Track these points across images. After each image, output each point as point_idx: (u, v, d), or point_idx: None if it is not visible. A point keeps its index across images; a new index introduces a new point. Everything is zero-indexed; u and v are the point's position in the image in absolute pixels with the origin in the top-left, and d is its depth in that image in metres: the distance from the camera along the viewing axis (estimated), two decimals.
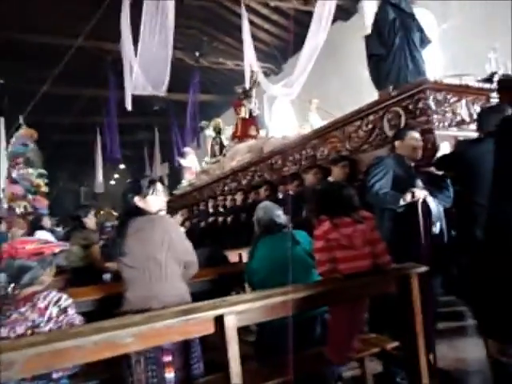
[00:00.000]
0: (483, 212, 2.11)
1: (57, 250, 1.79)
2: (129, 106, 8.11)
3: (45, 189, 8.17)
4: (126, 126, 13.95)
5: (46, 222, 5.15)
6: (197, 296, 2.17)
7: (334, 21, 8.92)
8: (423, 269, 2.03)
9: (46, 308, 1.62)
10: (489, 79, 3.50)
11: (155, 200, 2.12)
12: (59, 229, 8.69)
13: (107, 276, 3.32)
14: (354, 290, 1.90)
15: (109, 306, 2.51)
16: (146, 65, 6.83)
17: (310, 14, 7.16)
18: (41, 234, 4.74)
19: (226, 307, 1.60)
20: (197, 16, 10.55)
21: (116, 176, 20.93)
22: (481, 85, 3.44)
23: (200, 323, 1.58)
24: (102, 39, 9.79)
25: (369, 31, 3.83)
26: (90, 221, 3.33)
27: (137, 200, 2.07)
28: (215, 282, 2.76)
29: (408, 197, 2.35)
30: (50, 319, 1.61)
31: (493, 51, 3.86)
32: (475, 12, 6.46)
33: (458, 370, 2.57)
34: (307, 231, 2.51)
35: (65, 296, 1.70)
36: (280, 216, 2.40)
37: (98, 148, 13.94)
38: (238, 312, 1.61)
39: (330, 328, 2.10)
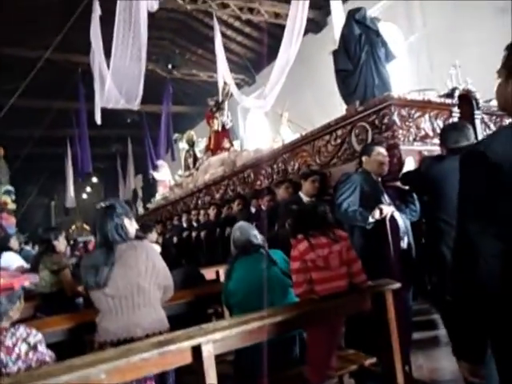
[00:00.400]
0: (449, 229, 2.18)
1: (27, 283, 1.71)
2: (98, 120, 8.01)
3: (12, 206, 7.87)
4: (98, 139, 13.68)
5: (14, 243, 4.93)
6: (173, 319, 2.13)
7: (305, 33, 9.16)
8: (397, 285, 2.07)
9: (14, 346, 1.54)
10: (450, 94, 3.61)
11: (134, 224, 2.08)
12: (28, 247, 8.39)
13: (80, 300, 3.20)
14: (330, 310, 1.91)
15: (81, 335, 2.45)
16: (118, 78, 6.74)
17: (281, 27, 7.29)
18: (7, 257, 4.56)
19: (203, 336, 1.57)
20: (169, 27, 10.53)
21: (88, 189, 20.44)
22: (443, 100, 3.53)
23: (177, 354, 1.55)
24: (72, 51, 9.63)
25: (337, 45, 3.90)
26: (60, 244, 3.21)
27: (127, 223, 1.98)
28: (192, 303, 2.72)
29: (376, 214, 2.37)
30: (18, 358, 1.53)
31: (453, 67, 4.00)
32: (439, 24, 6.72)
33: (434, 380, 2.62)
34: (280, 246, 2.53)
35: (34, 331, 1.62)
36: (256, 236, 2.40)
37: (68, 161, 13.61)
38: (215, 340, 1.58)
39: (308, 347, 2.11)
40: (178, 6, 8.63)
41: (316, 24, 9.24)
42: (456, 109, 3.52)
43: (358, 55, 3.60)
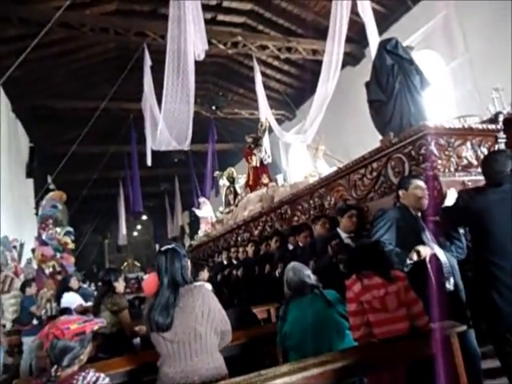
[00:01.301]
0: (500, 274, 1.98)
1: (96, 327, 1.81)
2: (149, 162, 8.50)
3: (72, 246, 8.37)
4: (148, 178, 14.39)
5: (74, 282, 5.22)
6: (227, 361, 2.13)
7: (343, 66, 9.31)
8: (463, 328, 1.96)
9: None
10: (494, 119, 3.39)
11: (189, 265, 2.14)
12: (85, 285, 8.81)
13: (137, 340, 3.30)
14: (392, 355, 1.84)
15: (140, 376, 2.51)
16: (169, 121, 7.14)
17: (319, 62, 7.45)
18: (68, 297, 4.82)
19: (262, 383, 1.57)
20: (211, 71, 11.12)
21: (139, 227, 21.29)
22: (485, 126, 3.31)
23: None
24: (124, 99, 10.41)
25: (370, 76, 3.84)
26: (120, 285, 3.36)
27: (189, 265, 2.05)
28: (246, 344, 2.71)
29: (414, 256, 2.20)
30: None
31: (495, 91, 3.80)
32: (481, 49, 6.57)
33: None
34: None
35: (102, 375, 1.70)
36: (310, 276, 2.37)
37: (121, 201, 14.36)
38: None
39: None
40: (220, 51, 9.14)
41: (354, 57, 9.37)
42: (501, 134, 3.30)
43: (391, 85, 3.50)
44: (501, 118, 3.35)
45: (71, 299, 4.85)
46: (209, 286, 3.25)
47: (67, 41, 8.61)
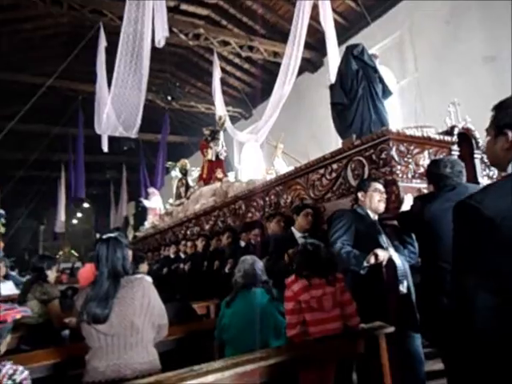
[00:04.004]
0: (448, 278, 2.11)
1: (18, 316, 1.68)
2: (105, 148, 8.12)
3: (2, 230, 7.75)
4: (93, 164, 13.74)
5: (2, 269, 4.83)
6: (164, 356, 2.08)
7: (302, 72, 9.49)
8: (391, 329, 2.06)
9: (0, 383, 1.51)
10: (449, 132, 3.50)
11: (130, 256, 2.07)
12: (14, 272, 8.17)
13: (66, 332, 3.11)
14: (324, 354, 1.89)
15: (66, 371, 2.37)
16: (117, 106, 6.86)
17: (279, 65, 7.53)
18: (4, 287, 4.46)
19: (195, 378, 1.55)
20: (170, 61, 10.84)
21: (79, 215, 20.24)
22: (442, 137, 3.42)
23: None
24: (74, 79, 9.84)
25: (334, 79, 3.86)
26: (52, 273, 3.15)
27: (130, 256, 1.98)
28: (184, 339, 2.67)
29: (371, 259, 2.22)
30: None
31: (452, 105, 3.98)
32: (430, 70, 7.02)
33: None
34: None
35: (20, 368, 1.58)
36: (263, 271, 2.38)
37: (61, 186, 13.56)
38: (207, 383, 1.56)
39: None
40: (181, 42, 8.94)
41: (313, 64, 9.59)
42: (455, 147, 3.42)
43: (355, 90, 3.54)
44: (456, 132, 3.47)
45: (8, 290, 4.51)
46: (149, 279, 3.15)
47: (13, 8, 7.97)
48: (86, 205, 19.18)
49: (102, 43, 7.17)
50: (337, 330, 1.96)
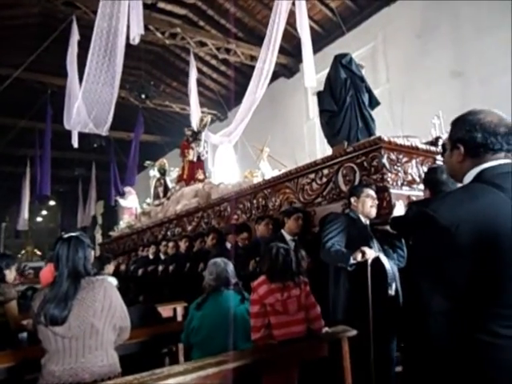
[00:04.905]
0: None
1: None
2: (75, 144, 7.87)
3: None
4: (61, 161, 13.30)
5: None
6: (126, 359, 2.04)
7: (277, 77, 9.57)
8: (353, 332, 2.11)
9: None
10: (434, 143, 3.64)
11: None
12: None
13: (23, 335, 2.98)
14: (288, 356, 1.91)
15: (22, 375, 2.27)
16: (88, 102, 6.68)
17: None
18: None
19: (155, 382, 1.52)
20: (145, 58, 10.67)
21: (44, 213, 19.51)
22: (428, 147, 3.56)
23: None
24: (43, 72, 9.51)
25: (308, 89, 3.92)
26: (11, 273, 3.01)
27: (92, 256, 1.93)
28: (147, 342, 2.61)
29: (358, 256, 2.26)
30: None
31: (437, 117, 4.09)
32: (400, 82, 7.25)
33: None
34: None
35: None
36: (233, 273, 2.37)
37: (26, 182, 13.02)
38: None
39: None
40: (157, 40, 8.83)
41: (289, 70, 9.68)
42: (440, 157, 3.54)
43: (343, 98, 3.65)
44: (440, 142, 3.59)
45: None
46: (113, 281, 3.07)
47: None
48: (51, 202, 18.52)
49: (75, 36, 6.97)
50: (301, 333, 1.98)
